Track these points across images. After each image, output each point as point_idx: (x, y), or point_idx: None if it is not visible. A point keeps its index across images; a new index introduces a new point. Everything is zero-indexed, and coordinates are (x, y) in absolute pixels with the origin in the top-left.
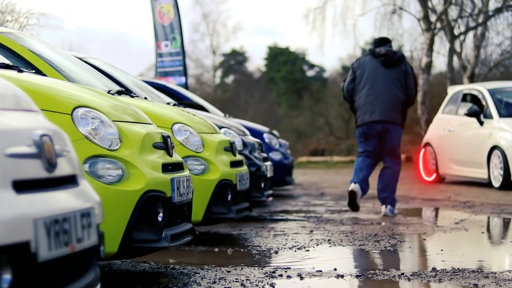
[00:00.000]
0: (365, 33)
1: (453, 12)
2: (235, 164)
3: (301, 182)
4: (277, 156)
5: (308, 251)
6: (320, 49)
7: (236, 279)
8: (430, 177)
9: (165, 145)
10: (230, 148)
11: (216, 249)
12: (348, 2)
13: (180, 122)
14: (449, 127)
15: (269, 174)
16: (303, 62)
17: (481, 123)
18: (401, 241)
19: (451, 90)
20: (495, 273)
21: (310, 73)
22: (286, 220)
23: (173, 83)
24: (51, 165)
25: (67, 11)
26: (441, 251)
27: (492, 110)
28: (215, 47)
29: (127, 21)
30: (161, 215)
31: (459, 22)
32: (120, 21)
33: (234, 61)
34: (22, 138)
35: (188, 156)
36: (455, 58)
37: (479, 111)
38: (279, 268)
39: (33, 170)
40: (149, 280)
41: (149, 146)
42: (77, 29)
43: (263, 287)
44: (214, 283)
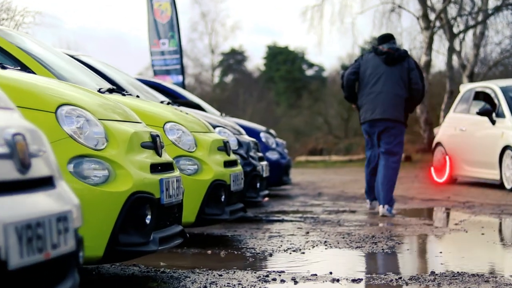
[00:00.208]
0: (364, 31)
1: (452, 11)
2: (229, 164)
3: (299, 182)
4: (274, 155)
5: (303, 253)
6: (318, 47)
7: (227, 283)
8: (441, 178)
9: (154, 144)
10: (224, 148)
11: (209, 251)
12: (346, 0)
13: (173, 121)
14: (461, 127)
15: (265, 174)
16: (302, 61)
17: (493, 122)
18: (399, 243)
19: (463, 88)
20: (495, 277)
21: (309, 72)
22: (282, 221)
23: (170, 82)
24: (24, 166)
25: (67, 10)
26: (440, 253)
27: (505, 108)
28: (213, 46)
29: (126, 21)
30: (149, 217)
31: (458, 20)
32: (119, 20)
33: (233, 60)
34: None
35: (180, 156)
36: (455, 57)
37: (491, 110)
38: (273, 271)
39: (4, 171)
40: (137, 285)
41: (137, 145)
42: (77, 28)
43: None
44: (205, 287)
